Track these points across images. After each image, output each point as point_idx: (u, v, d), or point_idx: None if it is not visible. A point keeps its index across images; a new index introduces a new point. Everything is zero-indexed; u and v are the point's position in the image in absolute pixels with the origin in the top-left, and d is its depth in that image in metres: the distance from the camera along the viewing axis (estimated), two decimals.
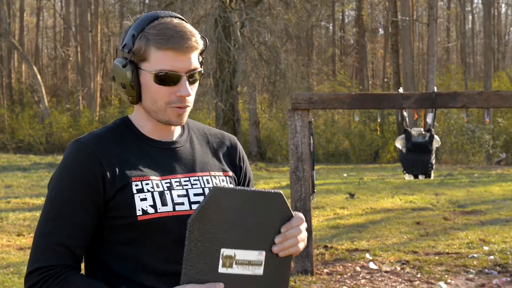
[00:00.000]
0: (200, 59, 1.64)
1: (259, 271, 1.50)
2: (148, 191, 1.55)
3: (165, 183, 1.59)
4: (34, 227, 8.35)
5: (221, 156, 1.74)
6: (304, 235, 1.55)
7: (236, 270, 1.48)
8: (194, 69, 1.59)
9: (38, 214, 9.22)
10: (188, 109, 1.62)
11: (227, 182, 1.71)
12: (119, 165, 1.57)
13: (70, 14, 33.11)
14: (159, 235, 1.54)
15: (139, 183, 1.55)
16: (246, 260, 1.49)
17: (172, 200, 1.57)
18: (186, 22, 1.62)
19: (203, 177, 1.66)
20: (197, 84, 1.64)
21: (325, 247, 7.29)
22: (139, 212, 1.53)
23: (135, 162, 1.59)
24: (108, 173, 1.55)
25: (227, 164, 1.74)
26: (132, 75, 1.58)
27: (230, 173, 1.73)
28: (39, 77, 26.38)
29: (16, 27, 32.67)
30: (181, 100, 1.58)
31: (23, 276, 5.94)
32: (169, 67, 1.55)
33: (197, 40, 1.59)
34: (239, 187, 1.54)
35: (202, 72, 1.66)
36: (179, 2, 18.90)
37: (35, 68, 26.65)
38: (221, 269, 1.47)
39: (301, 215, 1.56)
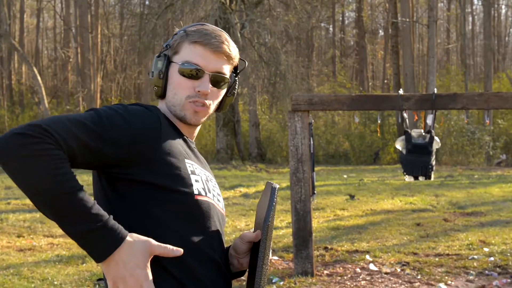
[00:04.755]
0: (231, 74, 1.70)
1: None
2: (199, 175, 1.60)
3: (204, 173, 1.65)
4: (34, 229, 8.36)
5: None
6: None
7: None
8: (220, 72, 1.65)
9: (38, 215, 9.22)
10: (205, 111, 1.66)
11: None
12: (175, 143, 1.58)
13: (70, 15, 33.12)
14: (206, 219, 1.58)
15: (191, 165, 1.60)
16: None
17: (212, 190, 1.64)
18: (229, 37, 1.70)
19: (216, 181, 1.76)
20: (221, 92, 1.68)
21: (325, 248, 7.29)
22: (196, 191, 1.56)
23: (184, 147, 1.63)
24: (164, 144, 1.53)
25: None
26: (162, 65, 1.65)
27: None
28: (39, 78, 26.37)
29: (16, 28, 32.67)
30: (199, 96, 1.63)
31: (23, 277, 5.93)
32: (195, 61, 1.62)
33: (230, 48, 1.66)
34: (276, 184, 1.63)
35: (236, 89, 1.74)
36: (179, 4, 18.92)
37: (35, 69, 26.64)
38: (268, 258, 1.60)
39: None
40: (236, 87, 1.75)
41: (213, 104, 1.67)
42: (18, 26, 32.72)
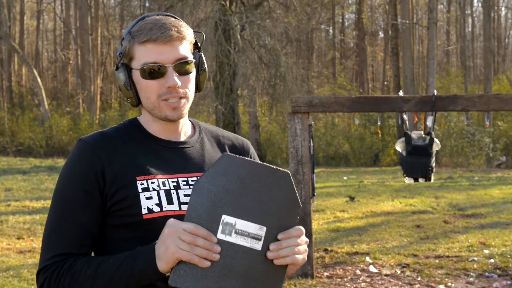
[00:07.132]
0: (193, 51, 1.64)
1: (258, 246, 1.49)
2: (154, 189, 1.56)
3: (172, 181, 1.60)
4: (34, 230, 8.37)
5: None
6: (303, 247, 1.51)
7: (234, 239, 1.48)
8: (182, 59, 1.58)
9: (38, 217, 9.23)
10: (184, 101, 1.61)
11: None
12: (124, 164, 1.58)
13: (70, 17, 33.15)
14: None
15: (144, 182, 1.56)
16: (246, 232, 1.49)
17: (179, 199, 1.58)
18: (176, 18, 1.63)
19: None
20: (191, 75, 1.62)
21: (325, 250, 7.29)
22: (144, 211, 1.54)
23: (142, 161, 1.60)
24: (109, 172, 1.56)
25: None
26: (124, 76, 1.61)
27: None
28: (39, 80, 26.40)
29: (16, 30, 32.69)
30: (171, 92, 1.58)
31: (23, 279, 5.94)
32: (151, 59, 1.56)
33: (180, 30, 1.58)
34: (249, 159, 1.52)
35: (204, 64, 1.67)
36: (179, 5, 18.92)
37: (35, 71, 26.67)
38: (220, 235, 1.47)
39: (301, 227, 1.52)
40: (204, 62, 1.68)
41: (189, 91, 1.62)
42: (18, 28, 32.74)
